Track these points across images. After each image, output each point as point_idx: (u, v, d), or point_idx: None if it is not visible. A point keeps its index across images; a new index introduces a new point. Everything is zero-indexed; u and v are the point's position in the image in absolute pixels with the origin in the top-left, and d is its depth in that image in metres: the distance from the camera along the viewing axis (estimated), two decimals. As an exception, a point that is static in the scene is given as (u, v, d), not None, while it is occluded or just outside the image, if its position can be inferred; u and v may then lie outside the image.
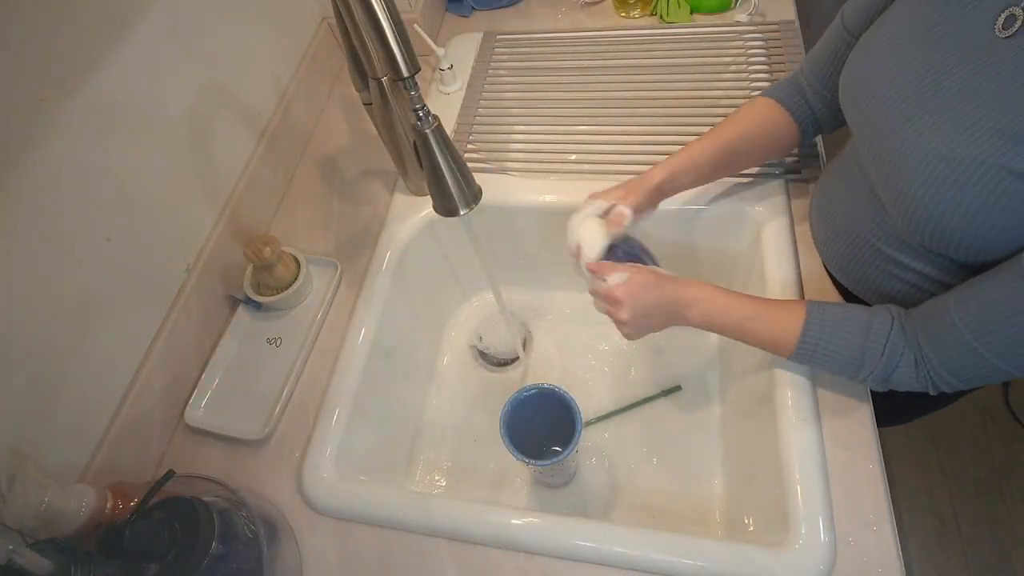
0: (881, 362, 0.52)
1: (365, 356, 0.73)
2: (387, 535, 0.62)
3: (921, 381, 0.51)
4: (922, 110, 0.48)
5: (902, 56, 0.50)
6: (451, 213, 0.57)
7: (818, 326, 0.54)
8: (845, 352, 0.54)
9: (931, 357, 0.50)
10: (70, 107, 0.57)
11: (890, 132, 0.50)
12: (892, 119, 0.50)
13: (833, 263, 0.67)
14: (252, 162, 0.83)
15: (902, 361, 0.51)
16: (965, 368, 0.49)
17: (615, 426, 0.84)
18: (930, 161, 0.47)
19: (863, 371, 0.53)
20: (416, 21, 0.97)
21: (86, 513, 0.52)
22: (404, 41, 0.47)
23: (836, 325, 0.54)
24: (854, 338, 0.53)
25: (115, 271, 0.64)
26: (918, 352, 0.51)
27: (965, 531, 1.34)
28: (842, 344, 0.54)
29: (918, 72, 0.48)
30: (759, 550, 0.55)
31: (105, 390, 0.64)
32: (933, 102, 0.47)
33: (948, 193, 0.46)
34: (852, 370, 0.54)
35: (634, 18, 1.02)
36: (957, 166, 0.45)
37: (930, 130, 0.47)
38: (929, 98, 0.47)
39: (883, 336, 0.52)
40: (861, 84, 0.55)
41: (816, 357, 0.55)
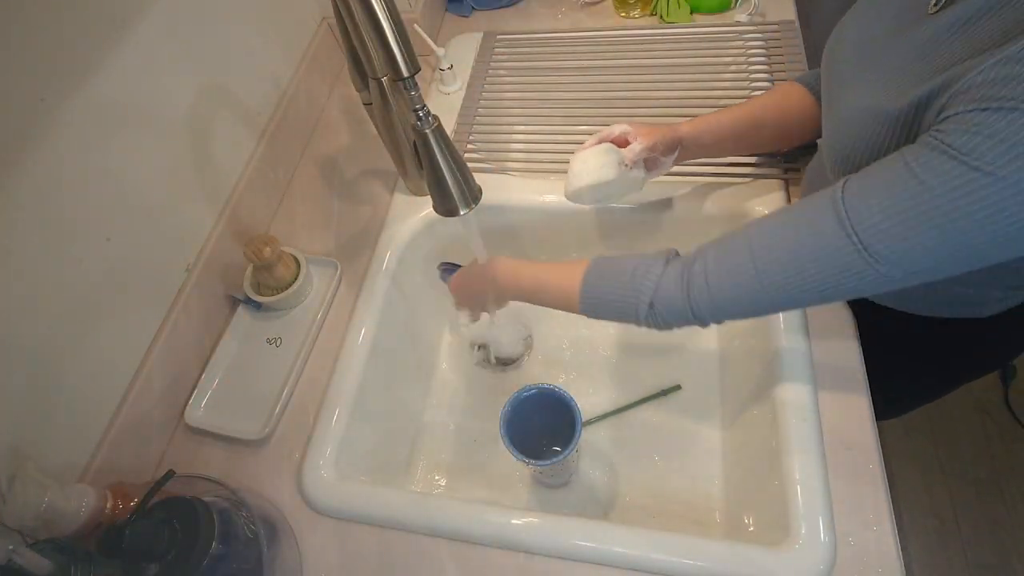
0: (643, 289, 0.51)
1: (365, 356, 0.73)
2: (387, 535, 0.62)
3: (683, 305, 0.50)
4: (854, 74, 0.51)
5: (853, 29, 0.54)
6: (451, 213, 0.57)
7: (595, 275, 0.55)
8: (616, 292, 0.53)
9: (710, 275, 0.48)
10: (70, 107, 0.57)
11: (830, 97, 0.55)
12: (833, 83, 0.55)
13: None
14: (252, 162, 0.83)
15: (661, 283, 0.51)
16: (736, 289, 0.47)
17: (615, 426, 0.84)
18: (846, 114, 0.50)
19: (631, 307, 0.52)
20: (416, 21, 0.97)
21: (86, 513, 0.52)
22: (404, 41, 0.47)
23: (610, 269, 0.55)
24: (622, 278, 0.53)
25: (115, 271, 0.64)
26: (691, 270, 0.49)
27: (965, 531, 1.34)
28: (614, 286, 0.54)
29: (859, 41, 0.52)
30: (759, 550, 0.55)
31: (105, 390, 0.64)
32: (864, 67, 0.50)
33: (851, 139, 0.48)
34: (626, 310, 0.53)
35: (634, 18, 1.02)
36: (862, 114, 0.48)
37: (853, 91, 0.50)
38: (862, 63, 0.51)
39: (644, 269, 0.52)
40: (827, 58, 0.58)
41: (595, 305, 0.55)
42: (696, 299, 0.49)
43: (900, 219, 0.39)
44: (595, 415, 0.84)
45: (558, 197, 0.83)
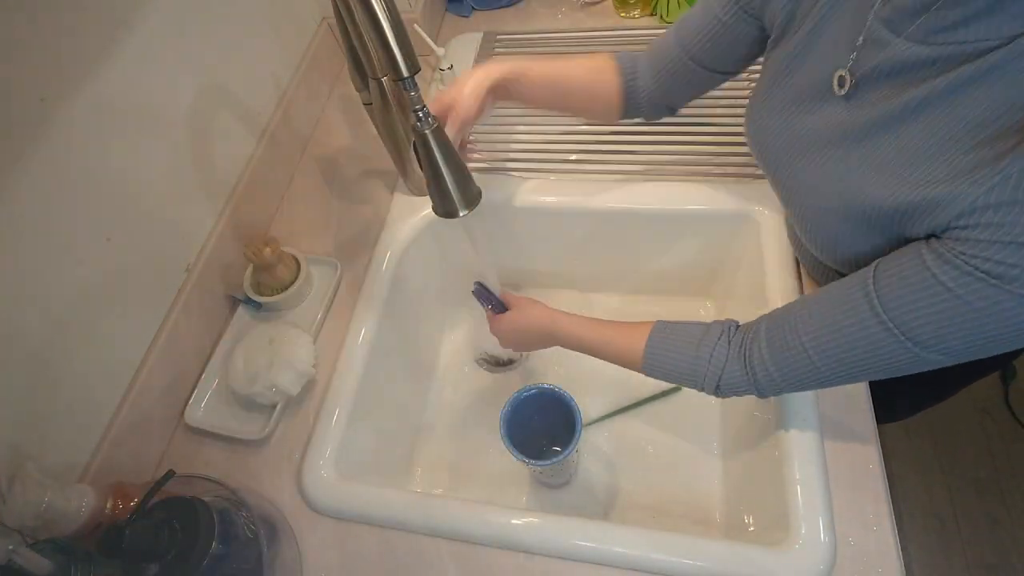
0: (710, 370, 0.55)
1: (365, 356, 0.73)
2: (387, 535, 0.62)
3: (748, 386, 0.54)
4: (790, 165, 0.54)
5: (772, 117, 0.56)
6: (450, 214, 0.57)
7: (658, 343, 0.58)
8: (681, 365, 0.57)
9: (764, 359, 0.52)
10: (70, 107, 0.57)
11: (779, 182, 0.58)
12: (778, 171, 0.57)
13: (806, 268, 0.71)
14: (252, 162, 0.83)
15: (726, 368, 0.54)
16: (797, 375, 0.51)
17: (615, 426, 0.84)
18: (806, 210, 0.54)
19: (698, 381, 0.56)
20: (416, 21, 0.97)
21: (86, 513, 0.52)
22: (404, 41, 0.47)
23: (674, 341, 0.58)
24: (688, 351, 0.57)
25: (115, 271, 0.64)
26: (748, 353, 0.53)
27: (965, 531, 1.34)
28: (678, 358, 0.57)
29: (784, 130, 0.54)
30: (759, 550, 0.55)
31: (105, 390, 0.64)
32: (801, 152, 0.53)
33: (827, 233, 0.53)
34: (690, 380, 0.57)
35: (634, 18, 1.02)
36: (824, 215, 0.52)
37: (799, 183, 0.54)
38: (798, 149, 0.53)
39: (709, 348, 0.55)
40: (757, 147, 0.60)
41: (659, 371, 0.59)
42: (763, 386, 0.53)
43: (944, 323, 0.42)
44: (595, 415, 0.84)
45: (558, 197, 0.83)
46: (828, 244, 0.53)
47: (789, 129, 0.54)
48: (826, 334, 0.48)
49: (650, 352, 0.59)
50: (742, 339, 0.54)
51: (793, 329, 0.51)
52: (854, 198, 0.48)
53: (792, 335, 0.50)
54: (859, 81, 0.46)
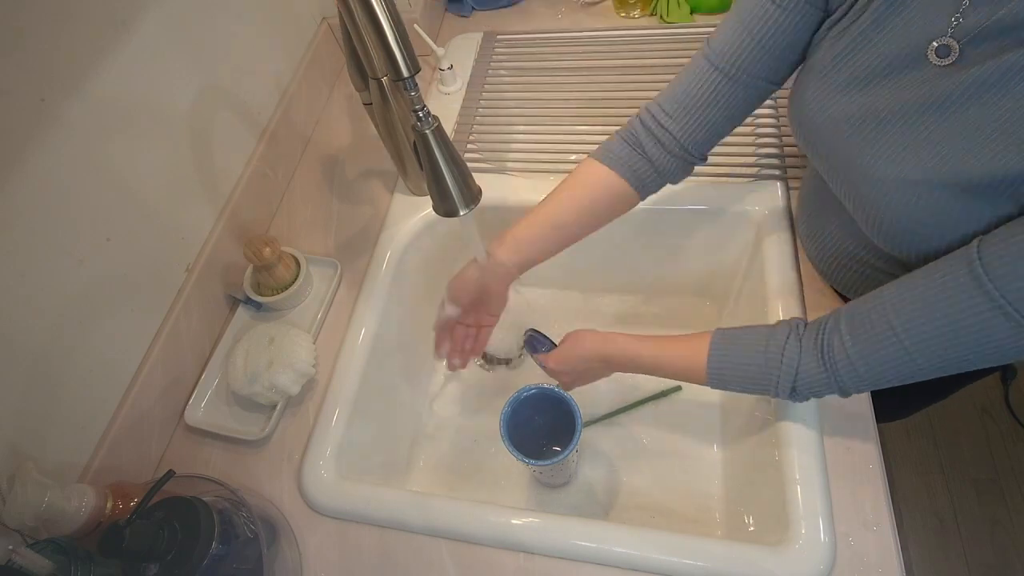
0: (783, 373, 0.52)
1: (365, 356, 0.73)
2: (387, 535, 0.62)
3: (827, 380, 0.51)
4: (868, 142, 0.49)
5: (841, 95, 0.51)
6: (451, 213, 0.57)
7: (721, 352, 0.56)
8: (750, 371, 0.54)
9: (849, 354, 0.49)
10: (70, 107, 0.57)
11: (844, 164, 0.52)
12: (844, 154, 0.52)
13: (820, 268, 0.69)
14: (252, 162, 0.83)
15: (801, 367, 0.51)
16: (885, 366, 0.48)
17: (615, 426, 0.84)
18: (885, 186, 0.49)
19: (771, 387, 0.53)
20: (416, 21, 0.97)
21: (86, 513, 0.52)
22: (404, 41, 0.47)
23: (738, 347, 0.55)
24: (756, 356, 0.53)
25: (115, 271, 0.64)
26: (829, 351, 0.50)
27: (965, 531, 1.34)
28: (746, 364, 0.54)
29: (860, 106, 0.49)
30: (759, 550, 0.55)
31: (105, 390, 0.64)
32: (877, 132, 0.49)
33: (911, 210, 0.47)
34: (762, 387, 0.54)
35: (634, 18, 1.02)
36: (910, 188, 0.47)
37: (877, 157, 0.49)
38: (873, 129, 0.49)
39: (779, 348, 0.52)
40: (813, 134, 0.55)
41: (726, 381, 0.56)
42: (845, 381, 0.50)
43: None
44: (595, 415, 0.84)
45: (558, 197, 0.83)
46: (904, 225, 0.48)
47: (861, 105, 0.49)
48: (924, 320, 0.44)
49: (714, 362, 0.56)
50: (816, 334, 0.51)
51: (883, 317, 0.47)
52: (954, 166, 0.44)
53: (881, 323, 0.46)
54: (964, 47, 0.43)
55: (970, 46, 0.43)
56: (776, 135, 0.82)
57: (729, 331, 0.57)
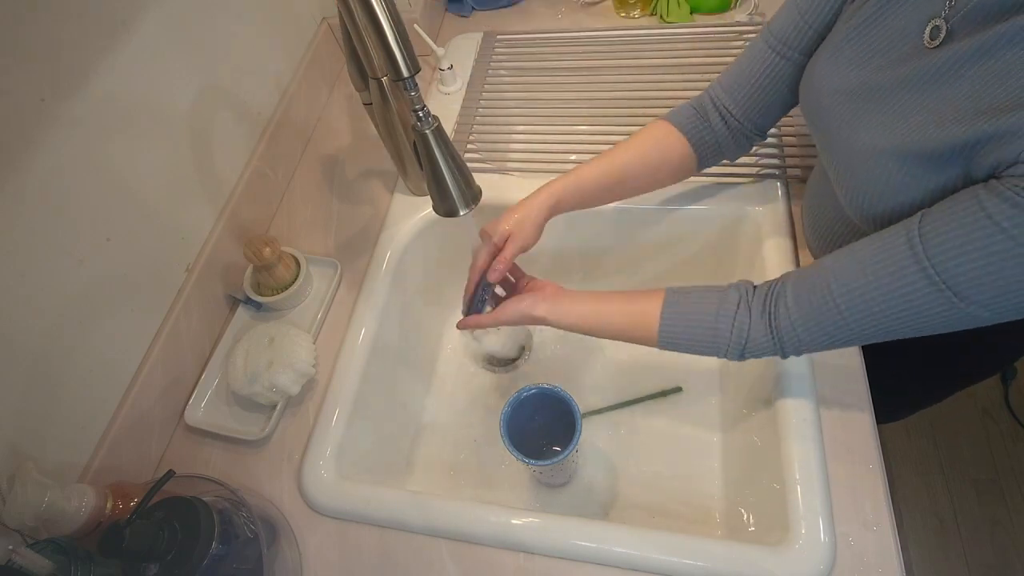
0: (732, 339, 0.54)
1: (365, 356, 0.73)
2: (387, 535, 0.62)
3: (773, 348, 0.53)
4: (857, 114, 0.51)
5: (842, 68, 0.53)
6: (451, 213, 0.57)
7: (674, 314, 0.57)
8: (701, 336, 0.56)
9: (792, 318, 0.51)
10: (70, 107, 0.57)
11: (831, 136, 0.54)
12: (832, 124, 0.54)
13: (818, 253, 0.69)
14: (252, 162, 0.83)
15: (751, 334, 0.53)
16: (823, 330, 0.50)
17: (615, 426, 0.84)
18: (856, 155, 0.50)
19: (720, 350, 0.55)
20: (416, 21, 0.97)
21: (86, 513, 0.52)
22: (404, 41, 0.47)
23: (690, 311, 0.56)
24: (706, 321, 0.55)
25: (115, 271, 0.64)
26: (774, 316, 0.52)
27: (965, 531, 1.34)
28: (697, 329, 0.56)
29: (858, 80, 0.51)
30: (759, 550, 0.55)
31: (105, 390, 0.64)
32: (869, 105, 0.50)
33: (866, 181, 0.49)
34: (711, 350, 0.56)
35: (634, 18, 1.02)
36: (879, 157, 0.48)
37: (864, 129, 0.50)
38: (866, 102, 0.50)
39: (730, 317, 0.54)
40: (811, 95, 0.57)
41: (676, 344, 0.58)
42: (788, 345, 0.52)
43: (990, 270, 0.40)
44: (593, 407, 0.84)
45: (558, 197, 0.83)
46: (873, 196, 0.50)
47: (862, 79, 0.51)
48: (859, 286, 0.46)
49: (666, 326, 0.57)
50: (764, 299, 0.53)
51: (823, 282, 0.49)
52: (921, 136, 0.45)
53: (822, 287, 0.48)
54: (952, 27, 0.44)
55: (958, 27, 0.44)
56: (776, 135, 0.82)
57: (680, 293, 0.58)
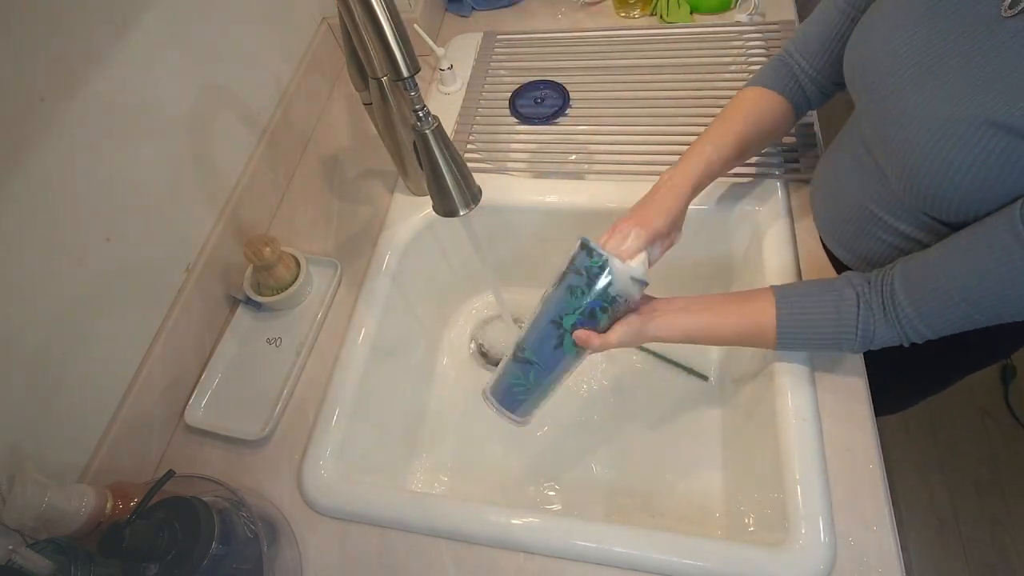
0: (857, 342, 0.55)
1: (365, 356, 0.73)
2: (387, 535, 0.62)
3: (896, 337, 0.54)
4: (924, 79, 0.50)
5: (906, 31, 0.52)
6: (451, 213, 0.57)
7: (790, 316, 0.57)
8: (824, 339, 0.57)
9: (912, 316, 0.52)
10: (70, 107, 0.57)
11: (893, 102, 0.53)
12: (895, 90, 0.52)
13: (831, 235, 0.69)
14: (252, 162, 0.83)
15: (876, 333, 0.54)
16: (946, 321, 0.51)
17: (615, 426, 0.84)
18: (932, 123, 0.49)
19: (843, 349, 0.57)
20: (416, 21, 0.97)
21: (86, 513, 0.52)
22: (404, 41, 0.47)
23: (808, 312, 0.57)
24: (828, 324, 0.56)
25: (115, 271, 0.64)
26: (893, 312, 0.53)
27: (965, 531, 1.34)
28: (819, 331, 0.57)
29: (923, 45, 0.51)
30: (759, 550, 0.55)
31: (105, 390, 0.64)
32: (936, 73, 0.49)
33: (946, 152, 0.48)
34: (830, 348, 0.58)
35: (634, 18, 1.02)
36: (955, 125, 0.47)
37: (932, 97, 0.49)
38: (932, 69, 0.50)
39: (852, 321, 0.55)
40: (866, 59, 0.56)
41: (796, 345, 0.59)
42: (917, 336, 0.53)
43: None
44: (595, 412, 0.85)
45: (558, 197, 0.83)
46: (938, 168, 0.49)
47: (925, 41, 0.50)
48: (976, 283, 0.48)
49: (785, 329, 0.57)
50: (881, 299, 0.54)
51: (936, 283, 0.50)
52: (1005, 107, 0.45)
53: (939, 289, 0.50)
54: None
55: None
56: (776, 135, 0.82)
57: (791, 295, 0.58)
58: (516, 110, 0.92)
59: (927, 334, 0.52)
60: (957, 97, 0.48)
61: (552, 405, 0.86)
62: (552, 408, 0.86)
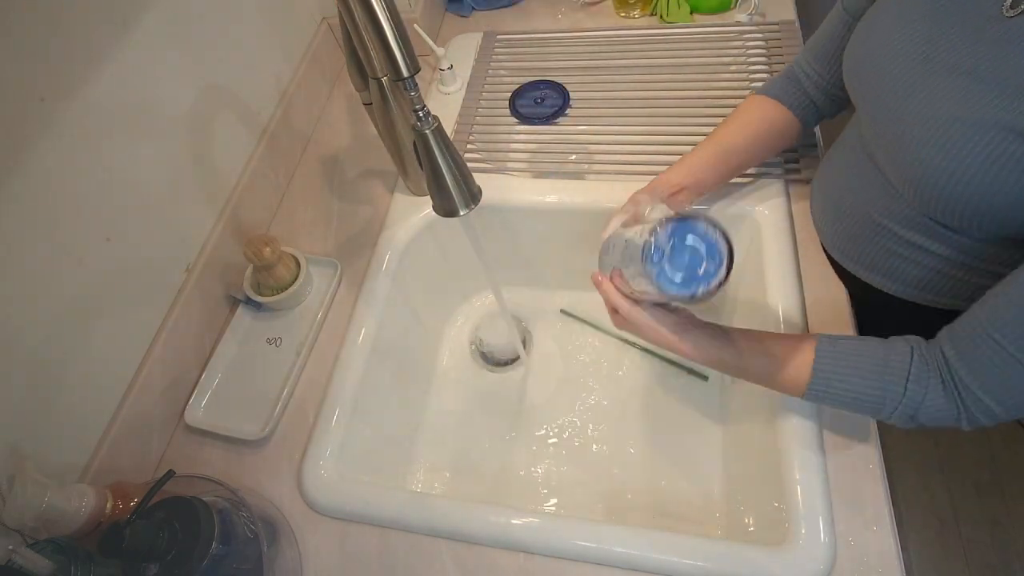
0: (904, 400, 0.48)
1: (365, 356, 0.73)
2: (387, 535, 0.62)
3: (953, 413, 0.47)
4: (927, 79, 0.49)
5: (907, 30, 0.51)
6: (451, 213, 0.57)
7: (831, 365, 0.51)
8: (862, 391, 0.50)
9: (971, 385, 0.46)
10: (70, 107, 0.57)
11: (895, 102, 0.51)
12: (897, 89, 0.51)
13: (833, 243, 0.68)
14: (252, 162, 0.83)
15: (928, 395, 0.47)
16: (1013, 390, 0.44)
17: (615, 426, 0.84)
18: (938, 124, 0.47)
19: (885, 410, 0.50)
20: (416, 21, 0.97)
21: (86, 513, 0.52)
22: (404, 41, 0.47)
23: (849, 362, 0.51)
24: (871, 376, 0.49)
25: (115, 271, 0.64)
26: (949, 380, 0.47)
27: (965, 531, 1.33)
28: (858, 383, 0.50)
29: (925, 44, 0.50)
30: (759, 550, 0.55)
31: (105, 390, 0.64)
32: (939, 73, 0.48)
33: (955, 153, 0.46)
34: (872, 410, 0.51)
35: (634, 18, 1.02)
36: (964, 127, 0.46)
37: (936, 97, 0.48)
38: (935, 69, 0.49)
39: (903, 371, 0.48)
40: (866, 59, 0.55)
41: (834, 399, 0.52)
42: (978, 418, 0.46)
43: None
44: (596, 412, 0.85)
45: (558, 197, 0.83)
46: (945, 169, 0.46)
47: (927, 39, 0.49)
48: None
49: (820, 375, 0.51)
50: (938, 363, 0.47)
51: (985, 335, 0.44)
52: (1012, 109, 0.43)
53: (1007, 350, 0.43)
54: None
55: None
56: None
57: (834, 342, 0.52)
58: (516, 110, 0.92)
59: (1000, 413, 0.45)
60: (963, 99, 0.46)
61: (552, 405, 0.87)
62: (552, 408, 0.86)
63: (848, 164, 0.63)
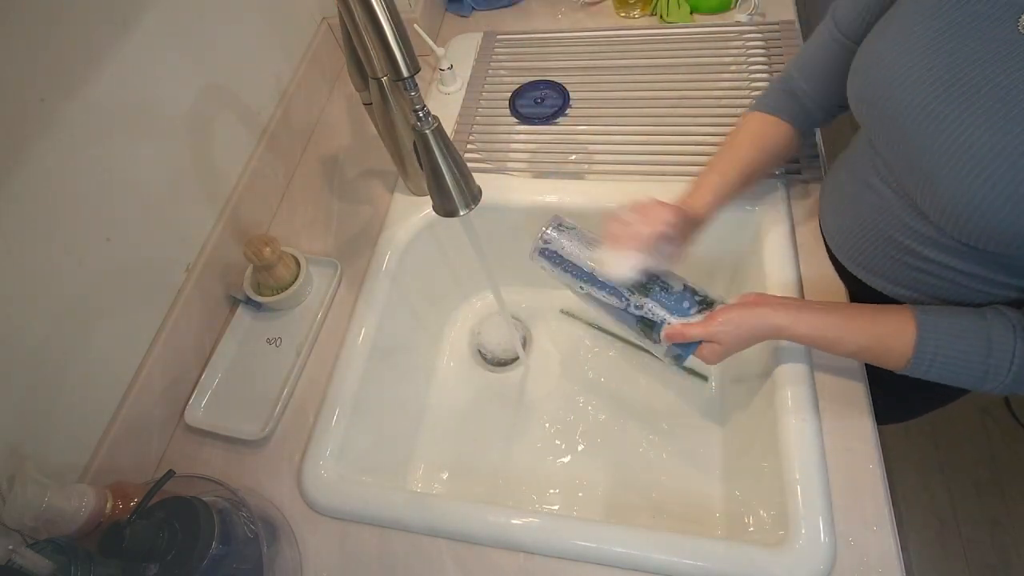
0: (1009, 376, 0.50)
1: (365, 356, 0.73)
2: (387, 535, 0.62)
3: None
4: (957, 107, 0.47)
5: (925, 58, 0.49)
6: (451, 213, 0.57)
7: (936, 338, 0.52)
8: (965, 366, 0.51)
9: None
10: (70, 107, 0.57)
11: (920, 136, 0.49)
12: (921, 120, 0.49)
13: (847, 256, 0.67)
14: (252, 162, 0.83)
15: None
16: None
17: (616, 426, 0.84)
18: (977, 157, 0.46)
19: (987, 384, 0.51)
20: (416, 21, 0.97)
21: (86, 513, 0.52)
22: (404, 41, 0.47)
23: (958, 338, 0.52)
24: (975, 352, 0.51)
25: (115, 271, 0.64)
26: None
27: (965, 531, 1.34)
28: (962, 358, 0.51)
29: (947, 71, 0.48)
30: (759, 550, 0.55)
31: (105, 390, 0.64)
32: (968, 98, 0.47)
33: (1002, 188, 0.45)
34: (975, 382, 0.52)
35: (634, 18, 1.02)
36: (999, 158, 0.45)
37: (970, 126, 0.46)
38: (962, 95, 0.47)
39: (1008, 350, 0.50)
40: (879, 87, 0.53)
41: (939, 371, 0.53)
42: None
43: None
44: (596, 413, 0.84)
45: (558, 197, 0.83)
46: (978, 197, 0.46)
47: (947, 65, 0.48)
48: None
49: (925, 347, 0.52)
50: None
51: None
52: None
53: None
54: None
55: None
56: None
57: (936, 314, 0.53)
58: (516, 110, 0.92)
59: None
60: (995, 127, 0.45)
61: (552, 405, 0.87)
62: (552, 408, 0.86)
63: (861, 186, 0.61)
